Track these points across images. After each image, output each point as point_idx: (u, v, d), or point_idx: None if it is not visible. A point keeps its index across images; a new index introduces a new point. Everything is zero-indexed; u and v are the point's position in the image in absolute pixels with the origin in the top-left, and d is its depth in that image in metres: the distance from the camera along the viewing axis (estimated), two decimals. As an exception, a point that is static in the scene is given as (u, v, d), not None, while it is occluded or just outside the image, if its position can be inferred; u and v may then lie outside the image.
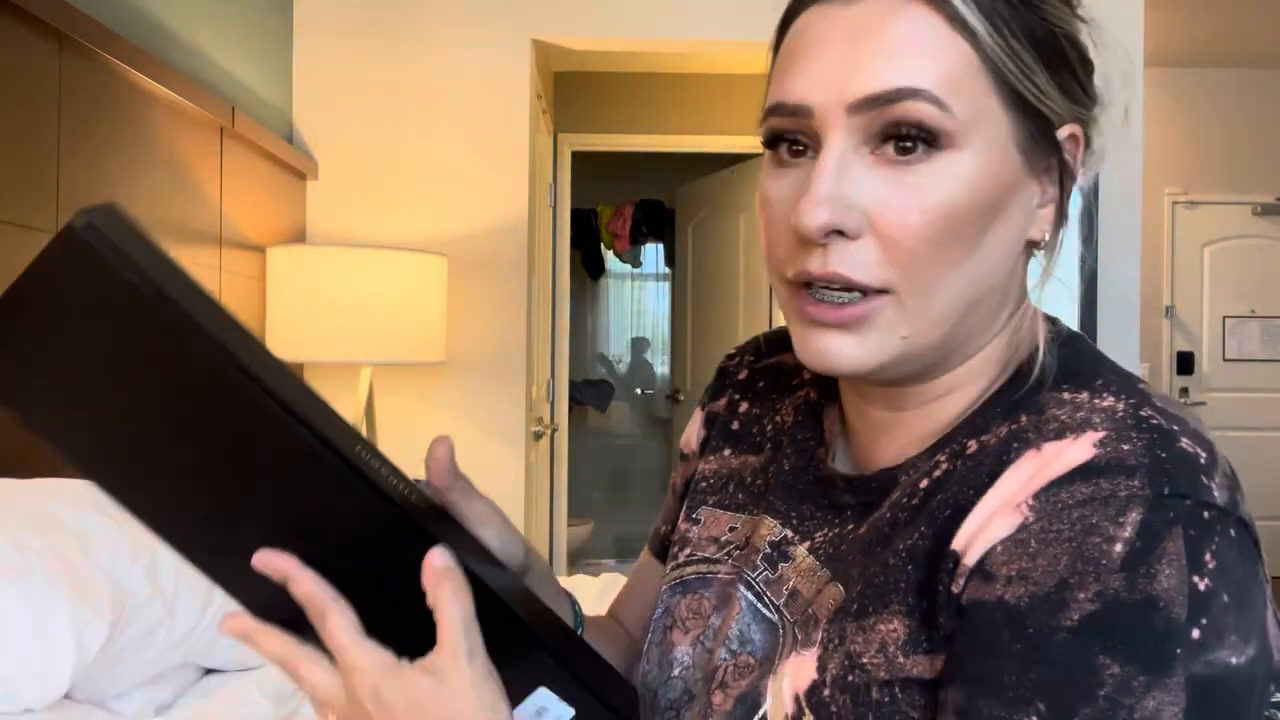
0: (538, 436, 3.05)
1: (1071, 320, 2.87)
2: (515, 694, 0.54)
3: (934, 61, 0.51)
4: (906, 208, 0.51)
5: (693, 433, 0.79)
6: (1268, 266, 4.82)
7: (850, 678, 0.53)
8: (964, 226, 0.52)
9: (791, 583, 0.62)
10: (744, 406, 0.74)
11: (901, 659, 0.52)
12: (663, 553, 0.79)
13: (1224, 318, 4.84)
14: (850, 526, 0.61)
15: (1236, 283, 4.84)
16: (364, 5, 2.59)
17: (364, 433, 2.27)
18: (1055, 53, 0.54)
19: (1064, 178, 0.56)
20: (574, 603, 0.73)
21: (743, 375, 0.77)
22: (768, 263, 0.58)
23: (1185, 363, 4.82)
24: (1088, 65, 0.56)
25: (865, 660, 0.53)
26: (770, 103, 0.55)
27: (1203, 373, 4.84)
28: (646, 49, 2.80)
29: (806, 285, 0.54)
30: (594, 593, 2.28)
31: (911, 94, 0.50)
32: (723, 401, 0.76)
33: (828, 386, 0.69)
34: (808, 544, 0.62)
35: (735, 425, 0.73)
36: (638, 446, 5.98)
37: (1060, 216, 0.57)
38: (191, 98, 1.77)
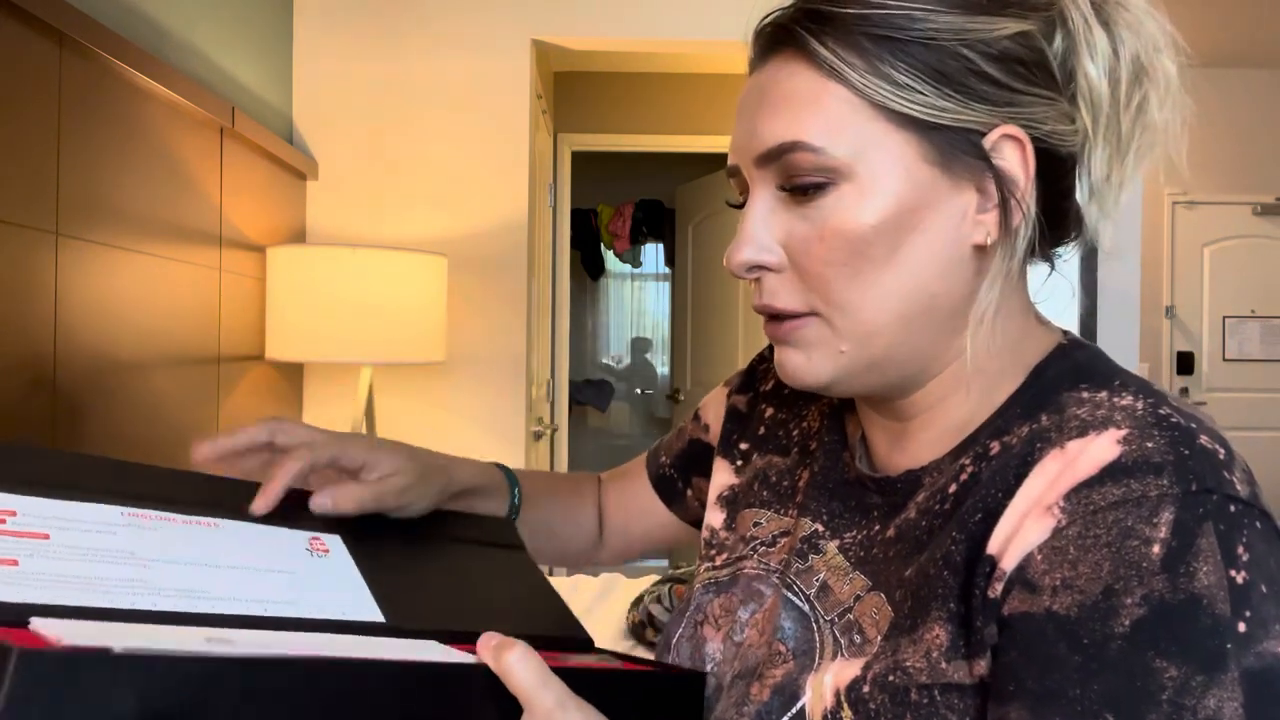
0: (538, 437, 3.05)
1: (1071, 320, 2.87)
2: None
3: (811, 111, 0.57)
4: (811, 238, 0.58)
5: (716, 412, 0.86)
6: (1268, 266, 4.82)
7: (891, 678, 0.54)
8: (868, 246, 0.56)
9: (821, 575, 0.64)
10: (769, 411, 0.78)
11: (944, 665, 0.52)
12: (659, 482, 0.91)
13: (1224, 318, 4.83)
14: (877, 528, 0.63)
15: (1236, 283, 4.84)
16: (364, 5, 2.59)
17: (363, 432, 2.27)
18: (947, 67, 0.55)
19: (1005, 179, 0.57)
20: (506, 472, 0.86)
21: (770, 384, 0.81)
22: None
23: (1185, 363, 4.82)
24: (1010, 63, 0.56)
25: (909, 664, 0.53)
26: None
27: (1203, 373, 4.84)
28: (646, 49, 2.80)
29: None
30: (594, 593, 2.28)
31: (790, 147, 0.57)
32: (745, 399, 0.81)
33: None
34: (837, 542, 0.65)
35: (761, 430, 0.78)
36: (638, 446, 5.98)
37: (1006, 216, 0.57)
38: (191, 98, 1.77)
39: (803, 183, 0.57)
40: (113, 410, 1.58)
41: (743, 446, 0.78)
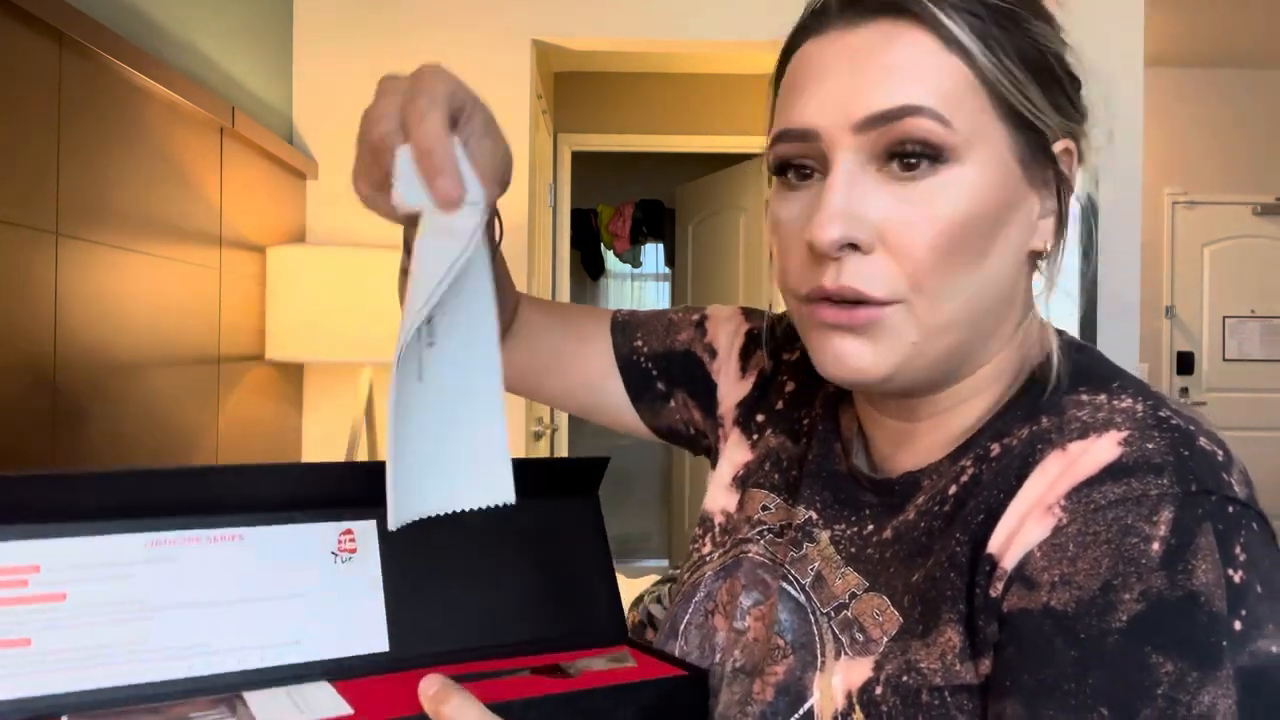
0: (538, 437, 3.05)
1: (1072, 321, 2.87)
2: None
3: (933, 80, 0.53)
4: (915, 220, 0.53)
5: (729, 341, 0.79)
6: (1268, 266, 4.82)
7: (905, 678, 0.54)
8: (970, 236, 0.54)
9: (816, 565, 0.63)
10: (791, 386, 0.75)
11: (957, 666, 0.53)
12: (629, 369, 0.81)
13: (1224, 318, 4.83)
14: (870, 527, 0.62)
15: (1236, 283, 4.84)
16: (364, 6, 2.59)
17: (363, 432, 2.27)
18: (1045, 70, 0.56)
19: (1061, 190, 0.58)
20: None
21: (796, 355, 0.77)
22: (781, 283, 0.59)
23: (1185, 363, 4.82)
24: (1075, 83, 0.58)
25: (923, 665, 0.53)
26: (777, 129, 0.57)
27: (1203, 373, 4.84)
28: (646, 49, 2.80)
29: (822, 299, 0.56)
30: (594, 593, 2.27)
31: (915, 111, 0.52)
32: (771, 364, 0.77)
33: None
34: (829, 532, 0.64)
35: (780, 405, 0.75)
36: (638, 447, 5.97)
37: (1060, 227, 0.58)
38: (191, 98, 1.77)
39: (916, 151, 0.52)
40: (113, 410, 1.58)
41: (759, 419, 0.76)
